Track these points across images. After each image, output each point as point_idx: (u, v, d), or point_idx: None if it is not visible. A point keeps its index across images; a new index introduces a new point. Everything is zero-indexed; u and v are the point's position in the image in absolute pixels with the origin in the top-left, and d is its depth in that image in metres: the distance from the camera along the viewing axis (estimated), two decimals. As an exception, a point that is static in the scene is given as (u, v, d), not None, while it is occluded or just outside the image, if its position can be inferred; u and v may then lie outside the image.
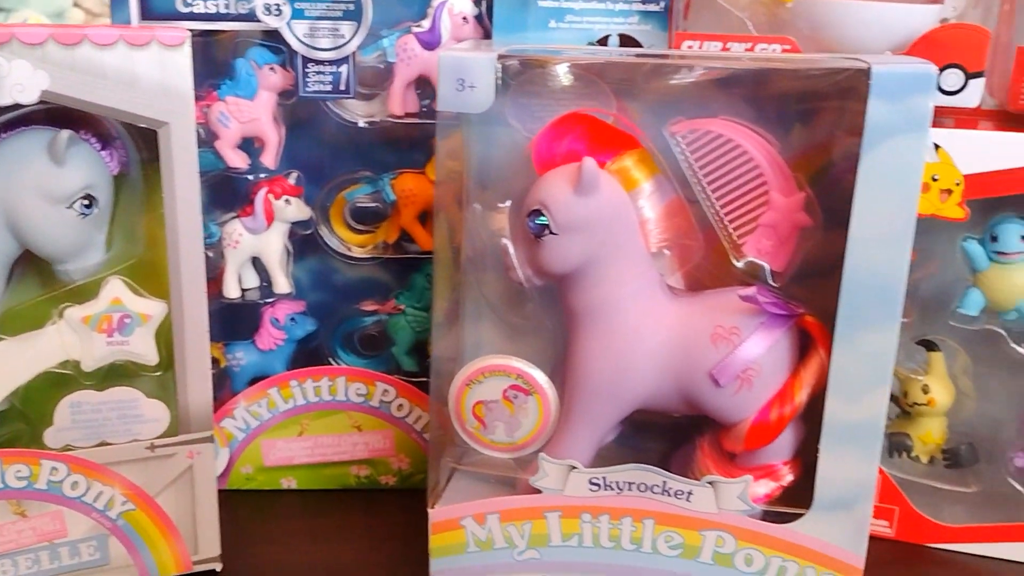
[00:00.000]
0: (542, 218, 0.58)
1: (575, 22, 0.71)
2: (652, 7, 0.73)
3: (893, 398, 0.72)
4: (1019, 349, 0.68)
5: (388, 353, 0.77)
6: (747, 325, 0.58)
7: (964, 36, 0.63)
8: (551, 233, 0.58)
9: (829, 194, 0.57)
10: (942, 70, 0.63)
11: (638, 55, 0.63)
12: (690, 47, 0.68)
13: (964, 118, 0.68)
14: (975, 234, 0.67)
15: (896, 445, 0.71)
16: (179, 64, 0.58)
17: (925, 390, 0.70)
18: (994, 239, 0.66)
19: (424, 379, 0.71)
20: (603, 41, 0.73)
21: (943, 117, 0.68)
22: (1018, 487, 0.70)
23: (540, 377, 0.61)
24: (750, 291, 0.57)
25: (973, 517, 0.70)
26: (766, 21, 0.68)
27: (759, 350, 0.58)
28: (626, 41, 0.73)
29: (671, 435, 0.66)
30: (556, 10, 0.70)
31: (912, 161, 0.51)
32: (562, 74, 0.62)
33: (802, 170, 0.59)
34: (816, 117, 0.58)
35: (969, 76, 0.63)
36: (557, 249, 0.58)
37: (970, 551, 0.70)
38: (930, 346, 0.71)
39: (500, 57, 0.56)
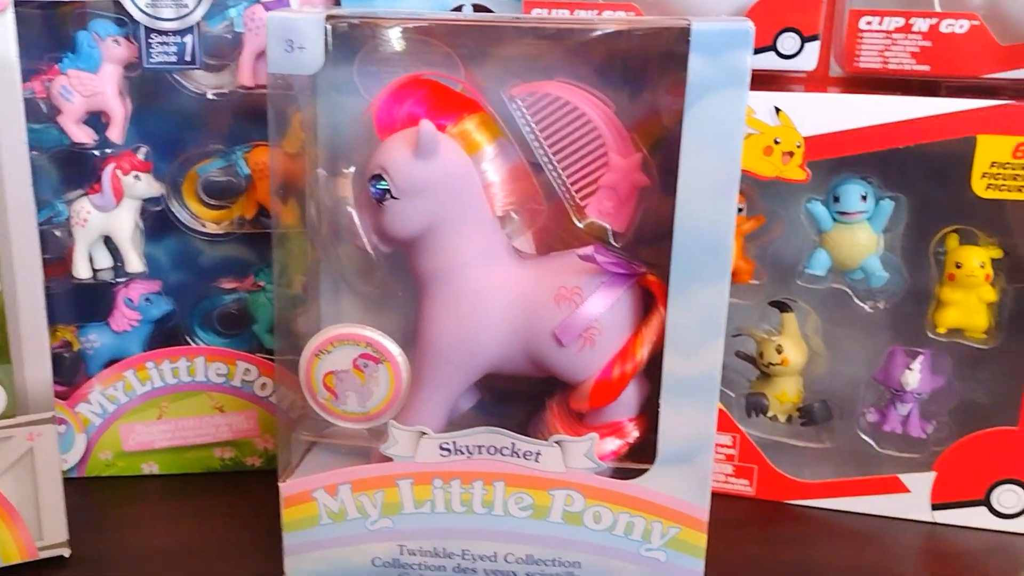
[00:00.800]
0: (383, 182, 0.57)
1: (427, -9, 0.71)
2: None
3: (751, 359, 0.74)
4: (865, 307, 0.70)
5: (249, 331, 0.76)
6: (589, 285, 0.58)
7: (799, 0, 0.64)
8: (392, 197, 0.57)
9: (670, 154, 0.58)
10: (779, 34, 0.65)
11: (469, 18, 0.63)
12: (538, 13, 0.68)
13: (816, 83, 0.70)
14: (819, 195, 0.69)
15: (753, 405, 0.73)
16: (2, 31, 0.56)
17: (779, 350, 0.72)
18: (836, 200, 0.68)
19: (287, 357, 0.69)
20: (457, 10, 0.72)
21: (795, 83, 0.70)
22: (869, 441, 0.72)
23: (391, 345, 0.61)
24: (587, 251, 0.57)
25: (829, 473, 0.72)
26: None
27: (600, 309, 0.58)
28: (479, 9, 0.73)
29: (530, 400, 0.66)
30: (406, -24, 0.70)
31: (733, 116, 0.52)
32: (410, 40, 0.62)
33: (645, 132, 0.59)
34: (652, 78, 0.59)
35: (805, 39, 0.64)
36: (399, 214, 0.58)
37: (827, 506, 0.72)
38: (782, 307, 0.72)
39: (329, 18, 0.56)
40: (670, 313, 0.56)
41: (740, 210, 0.70)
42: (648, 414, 0.60)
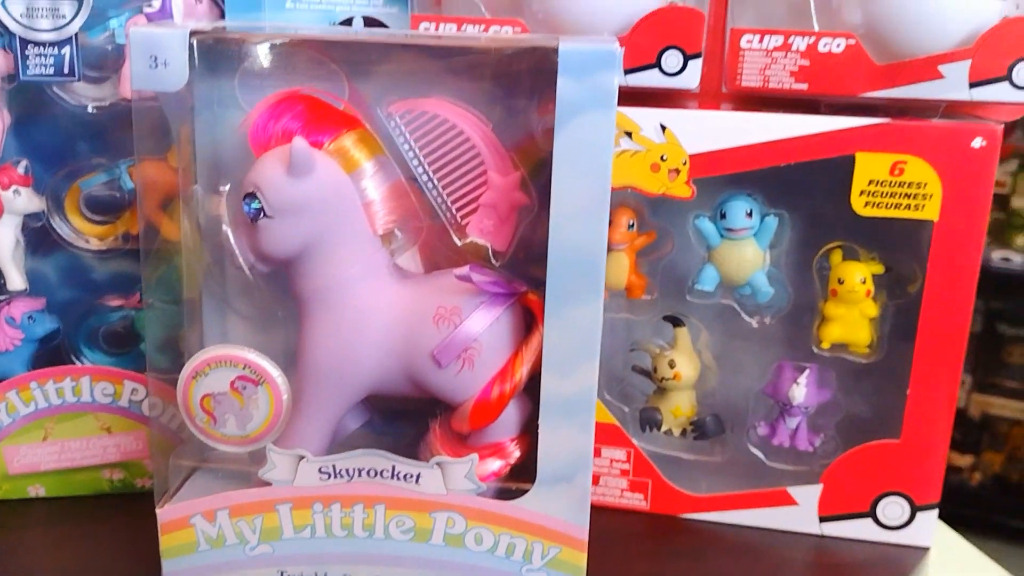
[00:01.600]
0: (256, 201, 0.56)
1: (315, 4, 0.70)
2: (399, -10, 0.73)
3: (646, 373, 0.74)
4: (752, 322, 0.71)
5: (137, 350, 0.74)
6: (468, 305, 0.58)
7: (681, 18, 0.64)
8: (266, 216, 0.56)
9: (549, 173, 0.57)
10: (662, 51, 0.65)
11: (342, 34, 0.62)
12: (426, 28, 0.68)
13: (710, 100, 0.70)
14: (707, 212, 0.69)
15: (647, 420, 0.73)
16: None
17: (671, 364, 0.72)
18: (723, 216, 0.68)
19: (168, 376, 0.68)
20: (347, 23, 0.71)
21: (688, 100, 0.70)
22: (759, 455, 0.72)
23: (270, 367, 0.60)
24: (464, 271, 0.57)
25: (721, 486, 0.72)
26: (503, 4, 0.68)
27: (479, 329, 0.58)
28: (371, 23, 0.72)
29: (419, 419, 0.65)
30: (293, -10, 0.69)
31: (602, 137, 0.52)
32: (292, 54, 0.61)
33: (524, 152, 0.59)
34: (527, 98, 0.59)
35: (688, 57, 0.65)
36: (274, 233, 0.57)
37: (719, 519, 0.72)
38: (675, 322, 0.72)
39: (193, 33, 0.54)
40: (546, 333, 0.56)
41: (631, 226, 0.70)
42: (530, 434, 0.60)
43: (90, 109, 0.69)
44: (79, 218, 0.72)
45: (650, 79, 0.65)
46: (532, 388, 0.59)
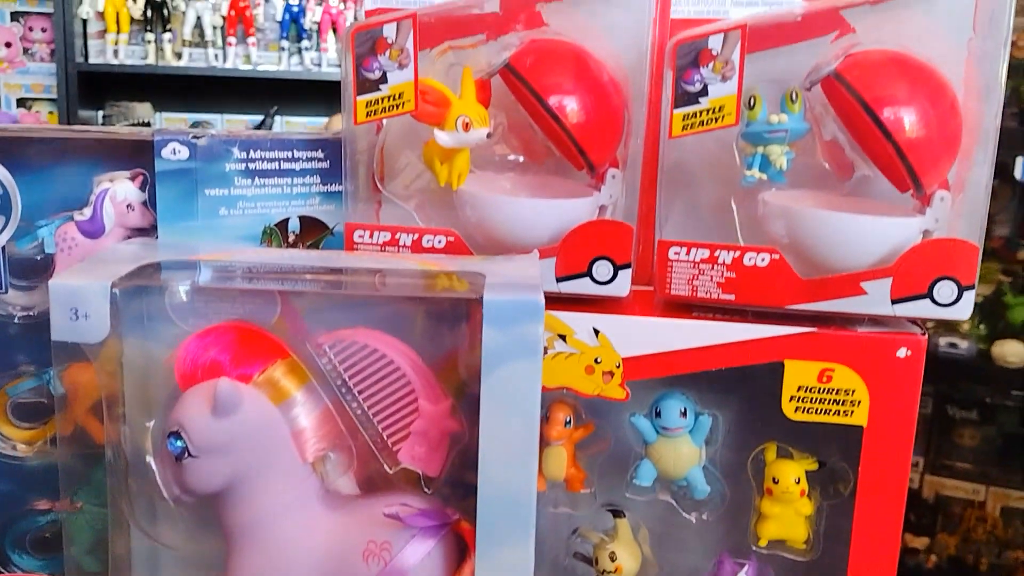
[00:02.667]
0: (180, 440, 0.56)
1: (248, 208, 0.70)
2: (334, 187, 0.73)
3: (588, 560, 0.73)
4: (691, 518, 0.71)
5: (67, 554, 0.72)
6: (399, 538, 0.57)
7: (612, 231, 0.65)
8: (190, 456, 0.56)
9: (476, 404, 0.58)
10: (593, 262, 0.66)
11: (269, 266, 0.62)
12: (361, 236, 0.68)
13: (647, 306, 0.71)
14: (643, 409, 0.69)
15: (589, 614, 0.72)
16: None
17: (612, 557, 0.71)
18: (658, 414, 0.69)
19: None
20: (282, 224, 0.72)
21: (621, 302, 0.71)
22: (702, 648, 0.72)
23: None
24: (392, 509, 0.56)
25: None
26: (436, 213, 0.69)
27: (410, 564, 0.57)
28: (309, 222, 0.72)
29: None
30: (226, 198, 0.69)
31: (528, 386, 0.52)
32: (224, 279, 0.61)
33: (448, 379, 0.59)
34: (453, 335, 0.59)
35: (618, 267, 0.66)
36: (199, 471, 0.56)
37: None
38: (616, 513, 0.72)
39: (115, 284, 0.54)
40: (477, 574, 0.55)
41: (568, 422, 0.70)
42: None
43: (17, 319, 0.68)
44: (6, 424, 0.71)
45: (582, 287, 0.66)
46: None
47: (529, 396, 0.53)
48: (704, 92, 0.62)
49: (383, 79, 0.65)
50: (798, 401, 0.65)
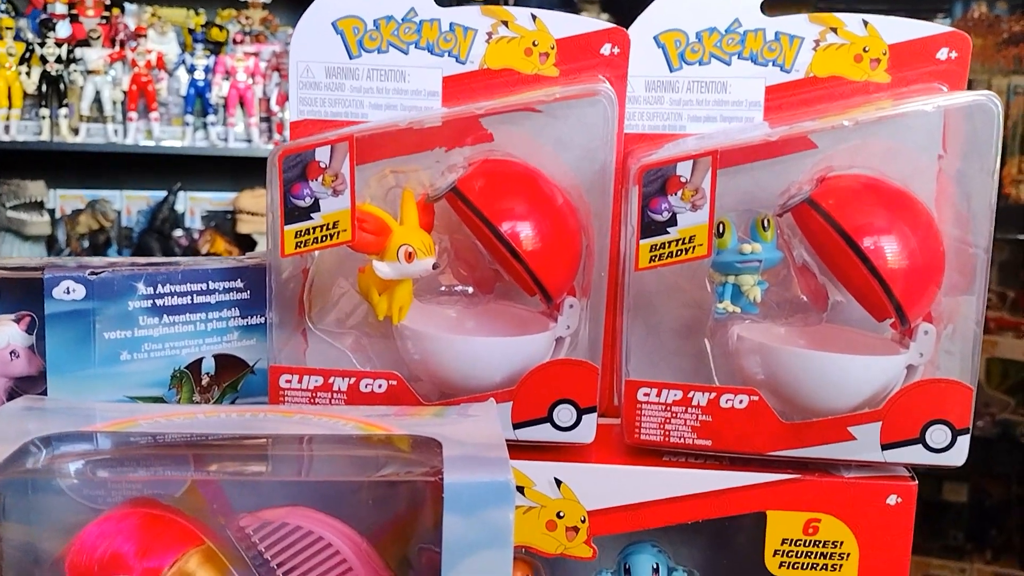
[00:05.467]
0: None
1: (155, 350, 0.61)
2: (255, 319, 0.65)
3: None
4: None
5: None
6: None
7: (573, 372, 0.59)
8: (86, 674, 0.46)
9: None
10: (554, 405, 0.59)
11: (175, 440, 0.53)
12: (288, 381, 0.60)
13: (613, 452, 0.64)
14: (610, 567, 0.62)
15: None
16: None
17: None
18: (628, 572, 0.62)
19: None
20: (194, 366, 0.63)
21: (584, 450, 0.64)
22: None
23: None
24: None
25: None
26: (375, 352, 0.61)
27: None
28: (226, 360, 0.64)
29: None
30: (129, 340, 0.60)
31: (497, 580, 0.45)
32: (125, 444, 0.51)
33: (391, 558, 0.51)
34: (406, 521, 0.51)
35: (582, 411, 0.59)
36: None
37: None
38: None
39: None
40: None
41: (528, 586, 0.62)
42: None
43: None
44: None
45: (542, 434, 0.59)
46: None
47: (498, 592, 0.45)
48: (673, 222, 0.57)
49: (315, 207, 0.57)
50: (782, 556, 0.59)
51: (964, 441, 0.57)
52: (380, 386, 0.59)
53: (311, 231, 0.58)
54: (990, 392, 2.36)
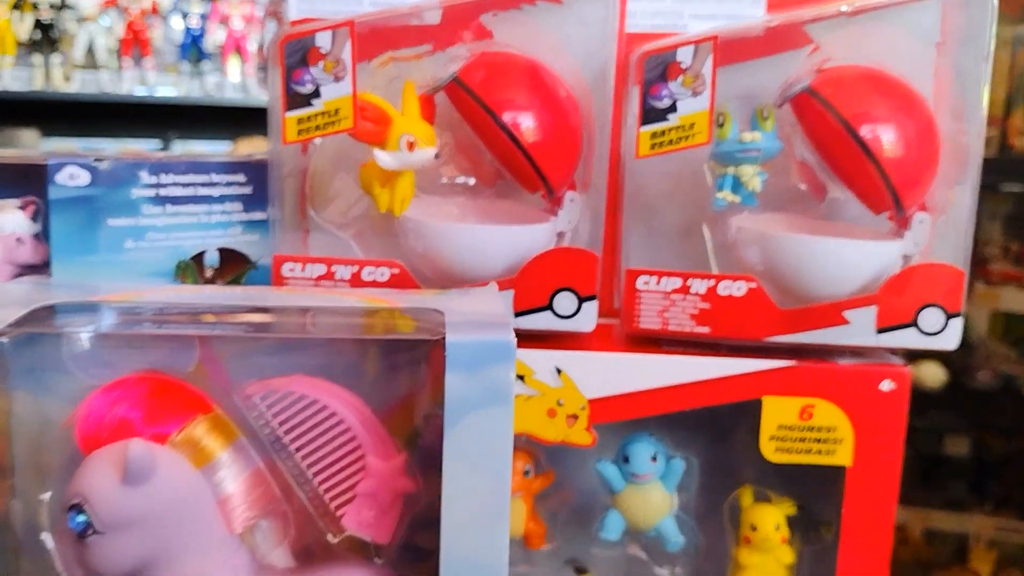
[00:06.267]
0: (83, 515, 0.47)
1: (159, 240, 0.61)
2: (257, 215, 0.65)
3: (549, 625, 0.67)
4: (663, 572, 0.65)
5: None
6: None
7: (574, 260, 0.60)
8: (96, 532, 0.47)
9: (432, 456, 0.50)
10: (555, 293, 0.60)
11: (183, 303, 0.53)
12: (291, 270, 0.60)
13: (613, 341, 0.65)
14: (610, 455, 0.63)
15: None
16: None
17: (577, 619, 0.65)
18: (626, 460, 0.63)
19: None
20: (198, 258, 0.63)
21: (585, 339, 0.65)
22: None
23: None
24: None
25: None
26: (377, 243, 0.62)
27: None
28: (229, 255, 0.64)
29: None
30: (133, 228, 0.60)
31: (498, 438, 0.46)
32: (132, 324, 0.52)
33: (397, 426, 0.52)
34: (408, 380, 0.52)
35: (583, 300, 0.60)
36: (106, 550, 0.47)
37: None
38: (580, 570, 0.66)
39: (2, 332, 0.45)
40: (440, 659, 0.47)
41: (527, 472, 0.64)
42: None
43: None
44: None
45: (543, 322, 0.60)
46: None
47: (500, 448, 0.46)
48: (673, 108, 0.57)
49: (316, 93, 0.57)
50: (778, 441, 0.60)
51: (956, 324, 0.58)
52: (383, 274, 0.60)
53: (312, 118, 0.58)
54: (992, 345, 2.36)
